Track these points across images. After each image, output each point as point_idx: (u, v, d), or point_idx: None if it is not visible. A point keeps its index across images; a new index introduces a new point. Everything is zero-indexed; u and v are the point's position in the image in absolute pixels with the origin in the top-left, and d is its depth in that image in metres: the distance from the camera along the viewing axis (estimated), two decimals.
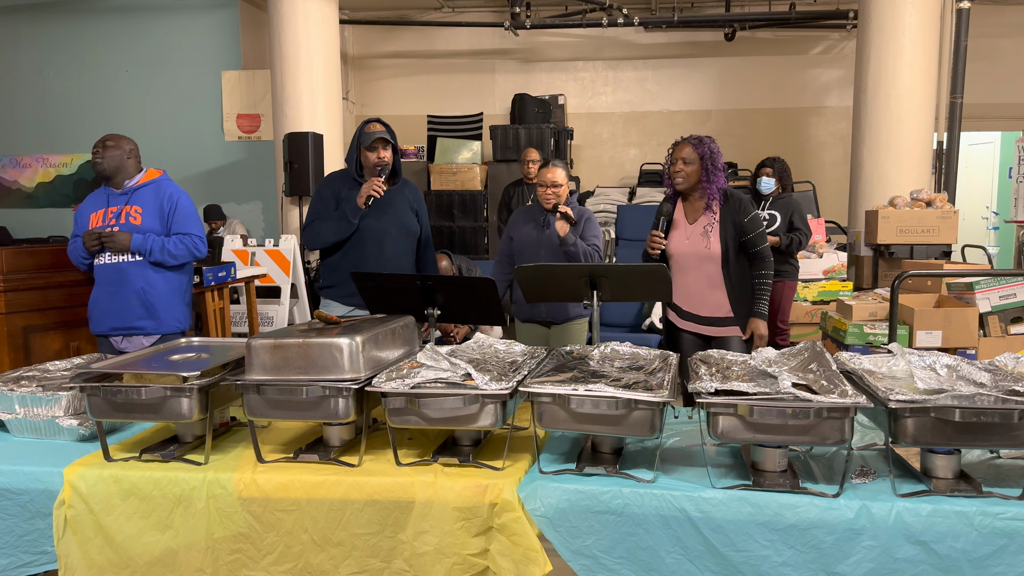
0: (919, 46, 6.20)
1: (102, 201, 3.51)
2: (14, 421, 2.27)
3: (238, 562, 1.94)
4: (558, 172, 3.69)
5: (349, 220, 3.38)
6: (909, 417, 1.74)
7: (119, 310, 3.41)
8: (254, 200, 8.75)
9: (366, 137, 3.40)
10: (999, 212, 9.09)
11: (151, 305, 3.43)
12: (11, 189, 9.13)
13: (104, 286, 3.44)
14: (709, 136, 3.37)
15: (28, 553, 2.02)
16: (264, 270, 6.25)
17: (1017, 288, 4.18)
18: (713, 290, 3.32)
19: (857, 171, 6.54)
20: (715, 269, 3.31)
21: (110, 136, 3.53)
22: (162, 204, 3.49)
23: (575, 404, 1.85)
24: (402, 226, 3.51)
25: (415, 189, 3.66)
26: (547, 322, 3.80)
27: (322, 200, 3.49)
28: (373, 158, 3.40)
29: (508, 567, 1.83)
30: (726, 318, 3.32)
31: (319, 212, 3.48)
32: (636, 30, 8.89)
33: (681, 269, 3.36)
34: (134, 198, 3.48)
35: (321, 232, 3.44)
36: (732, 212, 3.31)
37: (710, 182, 3.30)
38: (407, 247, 3.55)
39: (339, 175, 3.58)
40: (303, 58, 6.81)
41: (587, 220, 3.76)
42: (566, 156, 8.34)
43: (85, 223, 3.49)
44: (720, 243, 3.28)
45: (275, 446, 2.17)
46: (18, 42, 8.89)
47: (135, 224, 3.42)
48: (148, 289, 3.42)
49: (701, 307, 3.34)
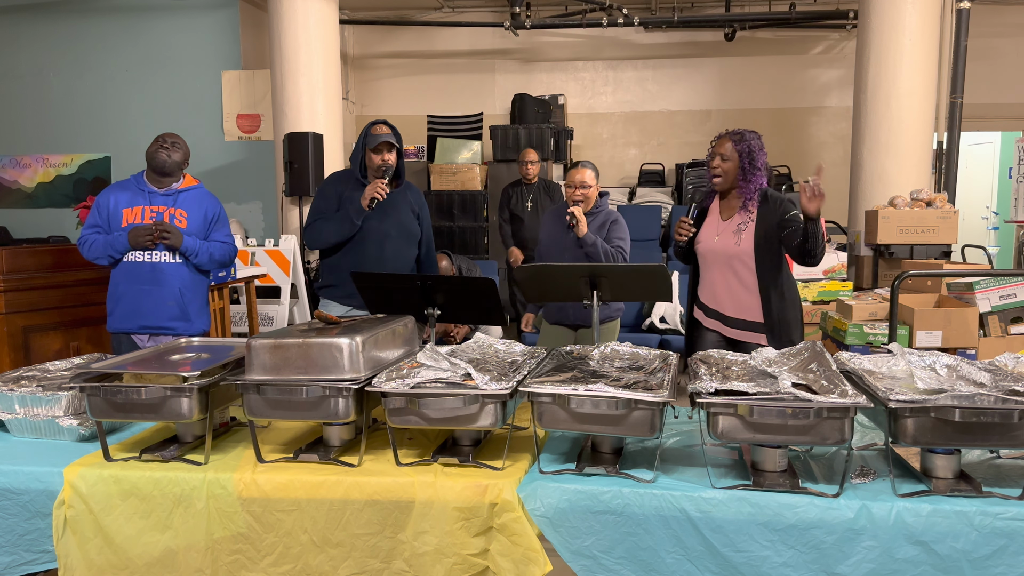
0: (919, 46, 6.19)
1: (141, 198, 3.45)
2: (14, 421, 2.27)
3: (237, 563, 1.94)
4: (587, 173, 3.66)
5: (352, 221, 3.37)
6: (909, 417, 1.74)
7: (152, 309, 3.40)
8: (254, 200, 8.75)
9: (372, 139, 3.40)
10: (999, 212, 9.09)
11: (185, 307, 3.44)
12: (11, 189, 9.13)
13: (136, 283, 3.39)
14: (754, 131, 3.20)
15: (29, 552, 2.02)
16: (264, 270, 6.24)
17: (1017, 288, 4.18)
18: (743, 291, 3.15)
19: (857, 171, 6.53)
20: (744, 269, 3.14)
21: (174, 135, 3.54)
22: (206, 211, 3.52)
23: (575, 404, 1.85)
24: (403, 228, 3.50)
25: (417, 192, 3.66)
26: (575, 325, 3.74)
27: (325, 199, 3.49)
28: (378, 160, 3.39)
29: (508, 567, 1.83)
30: (754, 323, 3.15)
31: (321, 212, 3.47)
32: (636, 30, 8.89)
33: (708, 266, 3.24)
34: (179, 201, 3.47)
35: (323, 232, 3.43)
36: (771, 213, 3.13)
37: (747, 181, 3.14)
38: (407, 249, 3.55)
39: (343, 175, 3.58)
40: (303, 58, 6.81)
41: (613, 222, 3.70)
42: (566, 156, 8.33)
43: (115, 216, 3.42)
44: (754, 243, 3.11)
45: (275, 446, 2.17)
46: (18, 42, 8.88)
47: (181, 228, 3.42)
48: (184, 290, 3.44)
49: (727, 307, 3.19)
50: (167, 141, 3.49)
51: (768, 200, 3.16)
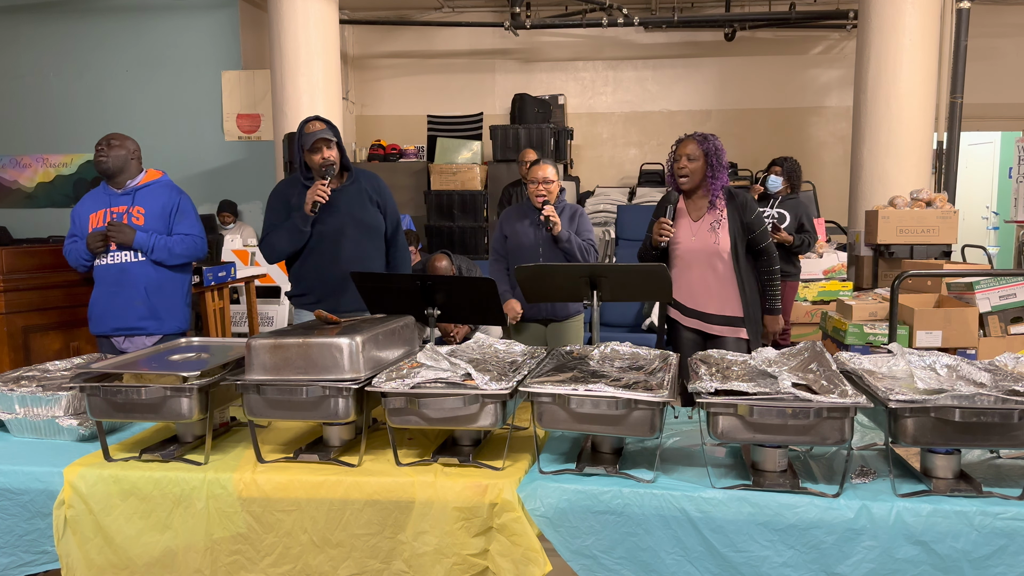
0: (919, 46, 6.19)
1: (103, 201, 3.49)
2: (14, 421, 2.27)
3: (237, 563, 1.94)
4: (548, 169, 3.69)
5: (300, 228, 3.28)
6: (909, 417, 1.74)
7: (121, 310, 3.40)
8: (254, 200, 8.75)
9: (307, 139, 3.28)
10: (999, 212, 9.09)
11: (153, 306, 3.42)
12: (11, 189, 9.13)
13: (105, 286, 3.43)
14: (713, 134, 3.36)
15: (28, 552, 2.02)
16: (264, 270, 6.25)
17: (1017, 288, 4.18)
18: (722, 287, 3.28)
19: (857, 171, 6.53)
20: (724, 266, 3.27)
21: (114, 135, 3.51)
22: (164, 205, 3.48)
23: (575, 404, 1.85)
24: (359, 223, 3.36)
25: (374, 178, 3.49)
26: (545, 320, 3.80)
27: (273, 211, 3.40)
28: (317, 159, 3.27)
29: (508, 567, 1.83)
30: (734, 317, 3.29)
31: (272, 224, 3.38)
32: (636, 30, 8.89)
33: (687, 266, 3.32)
34: (137, 199, 3.46)
35: (276, 244, 3.35)
36: (738, 210, 3.29)
37: (715, 179, 3.27)
38: (369, 244, 3.41)
39: (288, 181, 3.47)
40: (303, 58, 6.81)
41: (580, 216, 3.77)
42: (566, 156, 8.33)
43: (84, 223, 3.47)
44: (730, 239, 3.26)
45: (275, 446, 2.17)
46: (18, 42, 8.88)
47: (138, 224, 3.42)
48: (151, 289, 3.41)
49: (707, 304, 3.30)
50: (101, 144, 3.46)
51: (735, 197, 3.33)
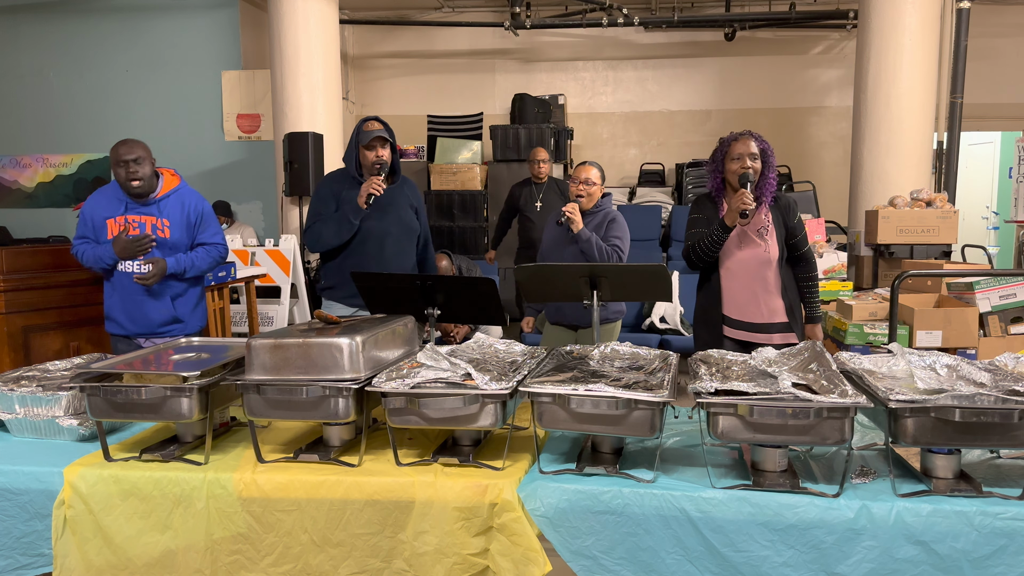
0: (919, 46, 6.19)
1: (122, 208, 3.39)
2: (14, 421, 2.27)
3: (237, 563, 1.94)
4: (592, 171, 3.69)
5: (351, 221, 3.35)
6: (909, 417, 1.74)
7: (147, 317, 3.42)
8: (254, 200, 8.75)
9: (364, 136, 3.38)
10: (999, 212, 9.09)
11: (179, 311, 3.47)
12: (11, 189, 9.12)
13: (130, 293, 3.39)
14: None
15: (25, 555, 2.02)
16: (264, 270, 6.24)
17: (1017, 288, 4.18)
18: (768, 295, 3.11)
19: (857, 171, 6.53)
20: (771, 274, 3.10)
21: (131, 149, 3.31)
22: (188, 215, 3.47)
23: (575, 404, 1.85)
24: (403, 225, 3.48)
25: (414, 187, 3.64)
26: (574, 325, 3.73)
27: (322, 201, 3.46)
28: (372, 156, 3.37)
29: (508, 567, 1.83)
30: (782, 324, 3.12)
31: (319, 213, 3.44)
32: (636, 30, 8.89)
33: (732, 276, 3.12)
34: (162, 210, 3.41)
35: (323, 234, 3.40)
36: (782, 214, 3.13)
37: (768, 181, 3.07)
38: (408, 246, 3.53)
39: (338, 175, 3.55)
40: (303, 58, 6.81)
41: (612, 220, 3.70)
42: (566, 156, 8.34)
43: (100, 227, 3.40)
44: (778, 246, 3.09)
45: (275, 446, 2.17)
46: (18, 42, 8.88)
47: (164, 238, 3.40)
48: (177, 299, 3.46)
49: (755, 314, 3.11)
50: (128, 167, 3.27)
51: (779, 200, 3.14)
